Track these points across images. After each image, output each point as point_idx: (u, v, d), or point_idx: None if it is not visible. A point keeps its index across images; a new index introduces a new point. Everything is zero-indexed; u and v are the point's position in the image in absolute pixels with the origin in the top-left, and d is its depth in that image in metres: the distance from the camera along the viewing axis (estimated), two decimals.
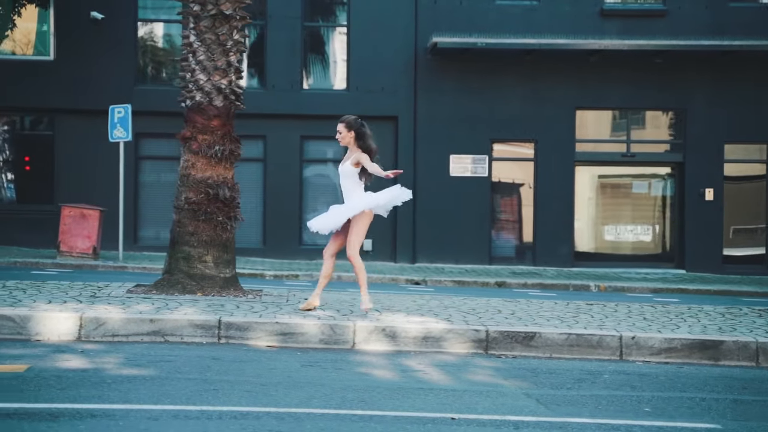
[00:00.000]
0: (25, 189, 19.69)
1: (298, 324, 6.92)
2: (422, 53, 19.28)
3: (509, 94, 19.33)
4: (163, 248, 18.92)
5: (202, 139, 8.20)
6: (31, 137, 19.74)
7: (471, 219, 19.32)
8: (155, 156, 19.49)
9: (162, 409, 4.87)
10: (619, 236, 20.32)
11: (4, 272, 13.92)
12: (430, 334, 6.88)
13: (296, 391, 5.42)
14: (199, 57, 8.24)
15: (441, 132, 19.33)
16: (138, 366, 5.96)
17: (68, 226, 16.72)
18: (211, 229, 8.21)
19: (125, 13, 19.15)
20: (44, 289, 8.33)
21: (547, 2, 19.42)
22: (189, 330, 6.89)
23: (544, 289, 15.57)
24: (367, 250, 19.48)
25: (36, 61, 19.18)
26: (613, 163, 19.86)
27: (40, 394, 5.11)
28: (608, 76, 19.21)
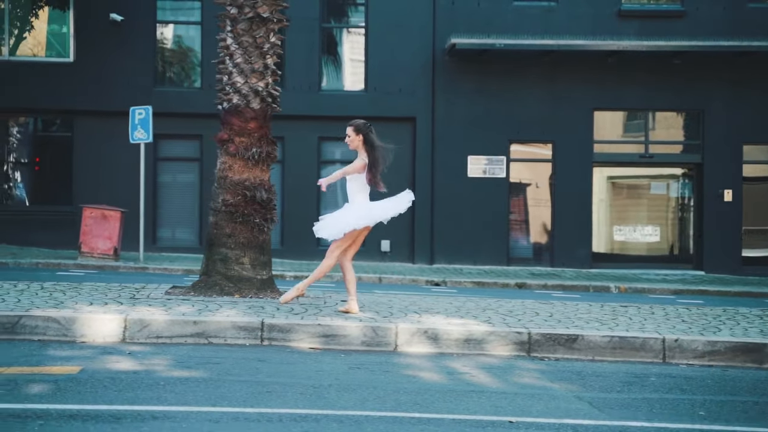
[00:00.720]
0: (44, 190, 19.77)
1: (341, 326, 6.95)
2: (440, 54, 19.31)
3: (527, 95, 19.35)
4: (181, 249, 19.26)
5: (239, 141, 8.23)
6: (50, 138, 19.82)
7: (489, 220, 19.34)
8: (173, 157, 19.56)
9: (221, 411, 4.90)
10: (635, 237, 20.31)
11: (30, 273, 13.99)
12: (472, 336, 6.90)
13: (349, 393, 5.44)
14: (236, 60, 8.27)
15: (459, 133, 19.36)
16: (187, 368, 5.99)
17: (89, 227, 16.77)
18: (248, 231, 8.24)
19: (144, 14, 19.22)
20: (82, 291, 8.37)
21: (565, 3, 19.43)
22: (232, 332, 6.92)
23: (565, 291, 15.58)
24: (384, 251, 19.53)
25: (55, 62, 19.25)
26: (632, 164, 19.86)
27: (98, 395, 5.14)
28: (626, 77, 19.22)
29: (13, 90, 18.82)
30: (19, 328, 6.79)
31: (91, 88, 18.97)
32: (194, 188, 19.65)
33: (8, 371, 5.67)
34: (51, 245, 18.70)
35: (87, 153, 19.20)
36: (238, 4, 8.26)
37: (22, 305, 7.28)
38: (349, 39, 20.08)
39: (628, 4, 19.59)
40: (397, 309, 7.92)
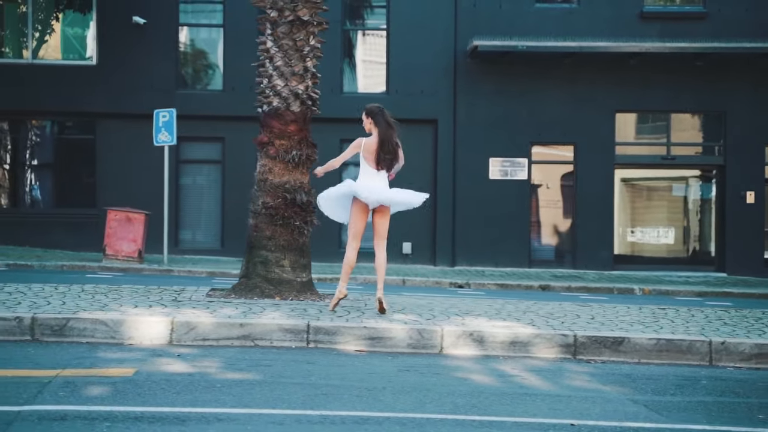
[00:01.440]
0: (67, 192, 19.86)
1: (386, 328, 6.96)
2: (461, 56, 19.32)
3: (548, 97, 19.34)
4: (202, 251, 19.32)
5: (279, 144, 8.26)
6: (73, 141, 19.90)
7: (510, 222, 19.33)
8: (195, 160, 19.62)
9: (283, 413, 4.92)
10: (656, 239, 20.27)
11: (56, 275, 14.06)
12: (518, 338, 6.91)
13: (404, 396, 5.46)
14: (276, 63, 8.30)
15: (480, 135, 19.36)
16: (239, 370, 6.02)
17: (114, 229, 16.84)
18: (288, 233, 8.26)
19: (166, 17, 19.30)
20: (124, 293, 8.40)
21: (587, 5, 19.42)
22: (278, 334, 6.94)
23: (590, 293, 15.54)
24: (406, 254, 19.54)
25: (78, 65, 19.35)
26: (654, 165, 19.83)
27: (157, 397, 5.17)
28: (648, 79, 19.19)
29: (36, 93, 18.92)
30: (68, 330, 6.84)
31: (113, 90, 19.05)
32: (216, 190, 19.71)
33: (64, 373, 5.71)
34: (74, 248, 18.79)
35: (109, 156, 19.28)
36: (279, 7, 8.28)
37: (68, 308, 7.32)
38: (371, 41, 20.11)
39: (650, 5, 19.57)
40: (438, 311, 7.93)
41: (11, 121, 19.66)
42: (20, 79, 18.92)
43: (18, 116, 19.47)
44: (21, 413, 4.73)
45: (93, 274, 14.80)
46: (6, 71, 19.05)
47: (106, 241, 16.83)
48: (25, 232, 18.96)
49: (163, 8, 19.26)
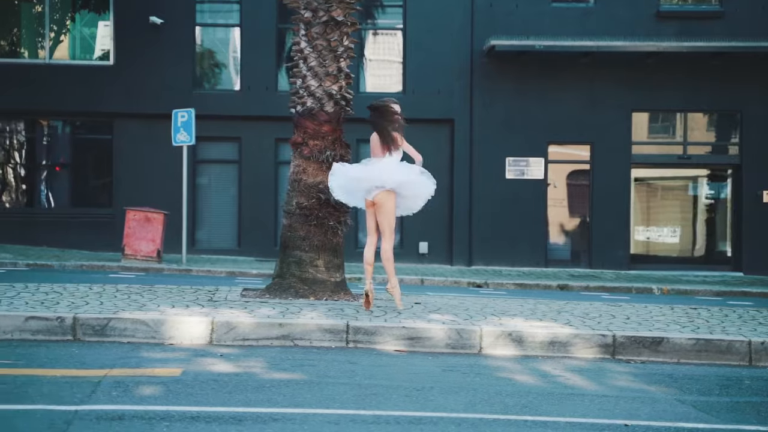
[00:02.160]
0: (84, 192, 19.92)
1: (425, 328, 6.99)
2: (478, 56, 19.34)
3: (565, 97, 19.35)
4: (219, 251, 19.36)
5: (313, 144, 8.28)
6: (90, 141, 19.95)
7: (526, 221, 19.35)
8: (212, 159, 19.65)
9: (336, 413, 4.95)
10: (672, 239, 20.27)
11: (80, 275, 14.10)
12: (557, 338, 6.93)
13: (453, 396, 5.48)
14: (310, 63, 8.32)
15: (497, 134, 19.38)
16: (284, 370, 6.04)
17: (133, 229, 16.87)
18: (322, 233, 8.29)
19: (183, 17, 19.34)
20: (158, 293, 8.44)
21: (603, 5, 19.42)
22: (317, 334, 6.97)
23: (609, 292, 15.54)
24: (423, 253, 19.57)
25: (95, 65, 19.41)
26: (670, 165, 19.83)
27: (209, 397, 5.20)
28: (664, 78, 19.19)
29: (53, 93, 18.97)
30: (109, 330, 6.87)
31: (130, 90, 19.10)
32: (232, 190, 19.75)
33: (112, 373, 5.74)
34: (91, 248, 18.84)
35: (126, 156, 19.33)
36: (313, 7, 8.30)
37: (107, 308, 7.36)
38: (386, 41, 20.13)
39: (667, 5, 19.57)
40: (473, 311, 7.95)
41: (28, 122, 19.73)
42: (37, 79, 18.97)
43: (35, 116, 19.53)
44: (78, 413, 4.76)
45: (115, 274, 14.84)
46: (23, 71, 19.11)
47: (125, 241, 16.87)
48: (42, 232, 19.01)
49: (179, 8, 19.30)
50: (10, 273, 13.40)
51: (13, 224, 18.97)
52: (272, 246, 19.55)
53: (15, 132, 19.96)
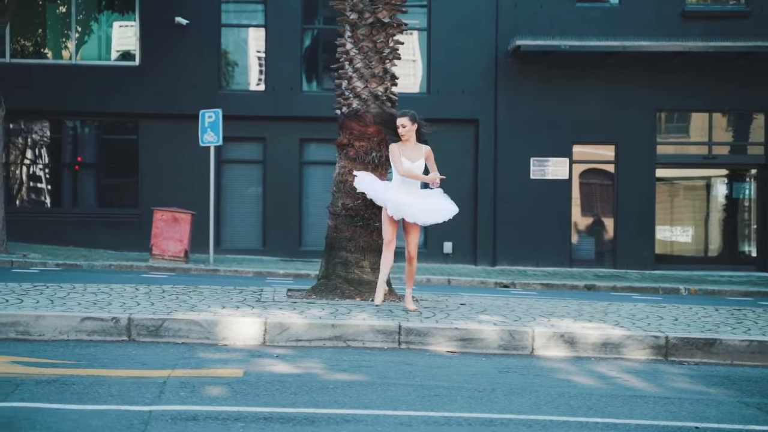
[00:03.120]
0: (110, 193, 20.02)
1: (477, 330, 7.00)
2: (503, 56, 19.33)
3: (590, 97, 19.33)
4: (243, 251, 19.41)
5: (359, 145, 8.30)
6: (116, 141, 20.04)
7: (551, 221, 19.34)
8: (236, 160, 19.70)
9: (406, 414, 4.97)
10: (696, 238, 20.24)
11: (113, 275, 14.17)
12: (609, 340, 6.93)
13: (516, 397, 5.49)
14: (356, 65, 8.34)
15: (521, 135, 19.37)
16: (343, 371, 6.07)
17: (160, 229, 16.93)
18: (368, 234, 8.31)
19: (209, 18, 19.40)
20: (204, 294, 8.48)
21: (628, 4, 19.39)
22: (370, 335, 6.99)
23: (636, 293, 15.50)
24: (447, 253, 19.58)
25: (121, 66, 19.49)
26: (695, 165, 19.79)
27: (277, 398, 5.22)
28: (690, 78, 19.15)
29: (79, 94, 19.06)
30: (163, 331, 6.91)
31: (156, 91, 19.18)
32: (257, 190, 19.79)
33: (175, 373, 5.78)
34: (117, 247, 18.93)
35: (152, 156, 19.41)
36: (359, 9, 8.33)
37: (157, 308, 7.40)
38: (411, 41, 20.14)
39: (693, 4, 19.52)
40: (520, 313, 7.96)
41: (54, 122, 19.82)
42: (63, 79, 19.07)
43: (61, 117, 19.62)
44: (152, 413, 4.80)
45: (146, 274, 14.90)
46: (49, 72, 19.20)
47: (152, 241, 16.93)
48: (68, 232, 19.11)
49: (205, 9, 19.36)
50: (44, 273, 13.48)
51: (39, 224, 19.07)
52: (296, 246, 19.61)
53: (41, 132, 20.06)
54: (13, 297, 7.72)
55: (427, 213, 7.73)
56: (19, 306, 7.16)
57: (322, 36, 20.16)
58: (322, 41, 20.17)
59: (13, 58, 19.10)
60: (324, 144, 19.06)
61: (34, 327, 6.77)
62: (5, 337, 6.74)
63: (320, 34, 20.14)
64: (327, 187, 20.63)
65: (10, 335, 6.76)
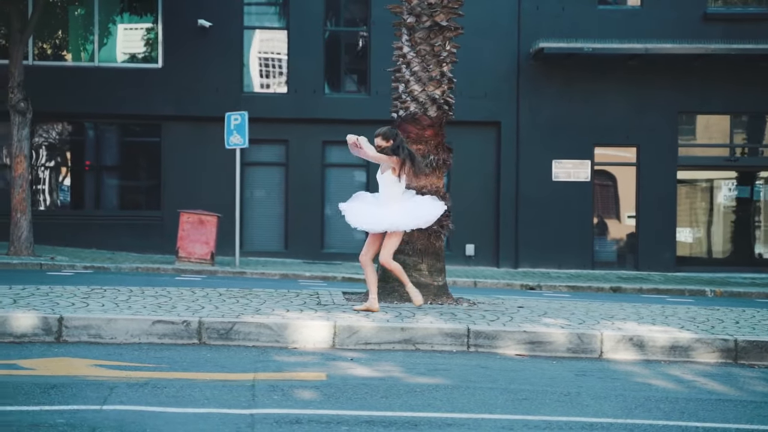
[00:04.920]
0: (133, 195, 20.01)
1: (546, 333, 7.02)
2: (525, 59, 19.37)
3: (611, 99, 19.38)
4: (267, 253, 19.41)
5: (416, 148, 8.31)
6: (139, 144, 20.03)
7: (573, 223, 19.38)
8: (259, 162, 19.69)
9: (506, 418, 4.98)
10: (716, 240, 20.29)
11: (142, 278, 14.19)
12: (678, 343, 6.96)
13: (604, 401, 5.50)
14: (413, 68, 8.37)
15: (543, 137, 19.41)
16: (423, 374, 6.08)
17: (186, 232, 16.95)
18: (425, 238, 8.34)
19: (231, 20, 19.40)
20: (262, 297, 8.48)
21: (649, 7, 19.44)
22: (439, 338, 7.01)
23: (663, 294, 15.55)
24: (469, 255, 19.59)
25: (144, 68, 19.48)
26: (717, 167, 19.85)
27: (368, 401, 5.24)
28: (711, 80, 19.20)
29: (101, 96, 19.04)
30: (233, 334, 6.92)
31: (178, 93, 19.18)
32: (280, 193, 19.81)
33: (259, 377, 5.79)
34: (140, 250, 18.91)
35: (175, 158, 19.41)
36: (416, 13, 8.35)
37: (222, 312, 7.41)
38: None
39: (714, 7, 19.58)
40: (581, 315, 7.98)
41: (77, 124, 19.81)
42: (86, 82, 19.05)
43: (84, 119, 19.60)
44: (254, 416, 4.81)
45: (179, 276, 14.91)
46: (72, 74, 19.18)
47: (179, 244, 16.94)
48: (91, 234, 19.10)
49: (227, 11, 19.37)
50: (79, 276, 13.48)
51: (62, 226, 19.05)
52: (318, 248, 19.61)
53: (63, 134, 20.05)
54: (78, 300, 7.73)
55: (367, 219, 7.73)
56: (88, 309, 7.17)
57: (344, 38, 20.19)
58: (344, 43, 20.21)
59: (36, 61, 19.08)
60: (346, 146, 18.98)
61: (105, 330, 6.77)
62: (78, 340, 6.75)
63: (342, 36, 20.16)
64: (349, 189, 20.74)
65: (82, 338, 6.76)
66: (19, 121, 16.26)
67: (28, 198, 16.49)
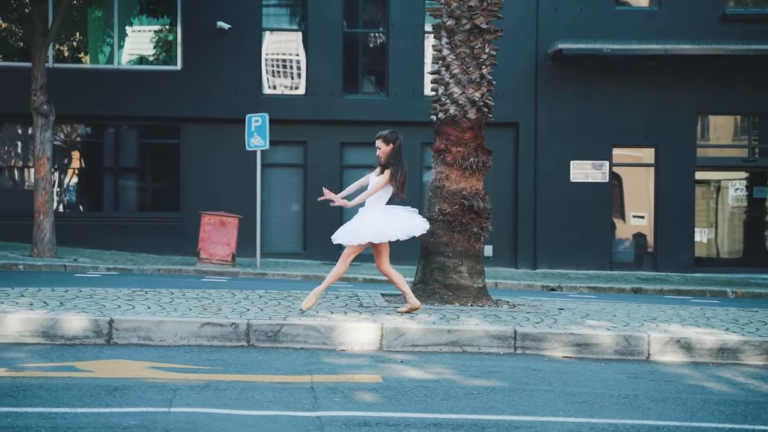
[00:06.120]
0: (152, 197, 20.03)
1: (592, 335, 7.03)
2: (543, 60, 19.37)
3: (629, 100, 19.37)
4: (285, 254, 19.43)
5: (456, 151, 8.33)
6: (158, 146, 20.05)
7: (591, 224, 19.36)
8: (277, 164, 19.67)
9: (572, 421, 4.98)
10: (734, 241, 20.28)
11: (167, 279, 14.19)
12: (726, 345, 6.96)
13: (664, 404, 5.50)
14: (453, 70, 8.38)
15: (561, 138, 19.41)
16: (476, 377, 6.09)
17: (208, 233, 16.96)
18: (465, 240, 8.35)
19: (250, 22, 19.42)
20: (301, 299, 8.47)
21: (667, 8, 19.44)
22: (485, 340, 7.02)
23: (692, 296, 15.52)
24: (488, 256, 19.56)
25: (163, 70, 19.50)
26: (735, 168, 19.83)
27: (429, 403, 5.26)
28: (729, 81, 19.19)
29: (121, 98, 19.06)
30: (281, 336, 6.93)
31: (197, 95, 19.19)
32: (298, 194, 19.82)
33: (316, 379, 5.80)
34: (160, 251, 18.92)
35: (194, 159, 19.42)
36: (456, 15, 8.37)
37: (267, 314, 7.42)
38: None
39: (732, 8, 19.57)
40: (623, 317, 7.99)
41: (96, 126, 19.84)
42: (105, 84, 19.08)
43: (103, 121, 19.62)
44: (321, 419, 4.82)
45: (205, 278, 14.91)
46: (91, 76, 19.21)
47: (200, 245, 16.95)
48: (110, 236, 19.11)
49: (246, 13, 19.38)
50: (106, 277, 13.50)
51: (81, 228, 19.08)
52: (336, 250, 19.40)
53: (83, 136, 20.08)
54: (123, 302, 7.74)
55: (340, 232, 7.86)
56: (135, 312, 7.18)
57: (361, 39, 20.20)
58: (362, 45, 20.22)
59: (55, 63, 19.10)
60: (364, 148, 19.06)
61: (155, 332, 6.79)
62: (128, 342, 6.77)
63: (360, 37, 20.17)
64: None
65: (132, 340, 6.78)
66: (42, 123, 16.29)
67: (51, 200, 16.51)
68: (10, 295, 7.95)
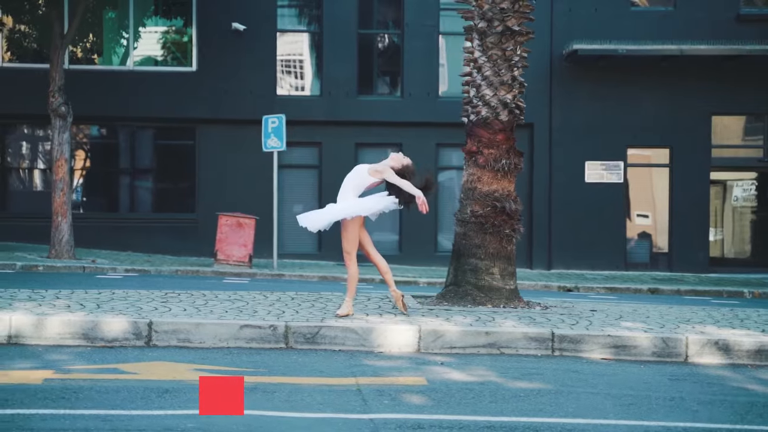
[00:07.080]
0: (168, 198, 20.03)
1: (630, 337, 7.03)
2: (557, 60, 19.37)
3: (644, 100, 19.36)
4: (300, 255, 19.43)
5: (488, 153, 8.33)
6: (174, 147, 20.06)
7: (606, 225, 19.36)
8: (293, 165, 19.66)
9: (624, 424, 4.98)
10: (748, 241, 20.25)
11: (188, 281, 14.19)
12: (765, 347, 6.96)
13: (712, 407, 5.50)
14: (485, 73, 8.38)
15: (576, 139, 19.40)
16: (518, 379, 6.09)
17: (225, 234, 16.97)
18: (497, 241, 8.34)
19: (265, 23, 19.42)
20: (335, 302, 8.48)
21: (682, 8, 19.42)
22: (523, 342, 7.02)
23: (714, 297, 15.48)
24: None
25: (178, 72, 19.51)
26: (750, 168, 19.81)
27: (477, 406, 5.27)
28: (744, 82, 19.16)
29: (136, 99, 19.09)
30: (319, 338, 6.94)
31: (213, 96, 19.21)
32: (313, 195, 19.81)
33: (361, 382, 5.80)
34: (176, 252, 18.93)
35: (209, 161, 19.43)
36: (488, 18, 8.37)
37: (303, 316, 7.42)
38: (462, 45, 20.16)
39: (747, 8, 19.55)
40: (658, 319, 7.98)
41: (111, 128, 19.86)
42: (120, 85, 19.10)
43: (118, 122, 19.63)
44: (374, 421, 4.83)
45: (226, 279, 14.90)
46: (107, 78, 19.23)
47: (217, 246, 16.96)
48: (126, 237, 19.13)
49: (261, 15, 19.39)
50: (128, 279, 13.50)
51: (97, 229, 19.09)
52: None
53: (98, 138, 20.10)
54: (158, 304, 7.75)
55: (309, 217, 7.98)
56: (173, 314, 7.19)
57: (376, 41, 20.20)
58: (377, 46, 20.22)
59: (71, 65, 19.11)
60: (379, 149, 19.13)
61: (194, 335, 6.80)
62: (167, 344, 6.78)
63: (375, 38, 20.17)
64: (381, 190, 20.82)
65: (171, 343, 6.79)
66: (60, 125, 16.31)
67: (69, 201, 16.53)
68: (46, 297, 7.96)
